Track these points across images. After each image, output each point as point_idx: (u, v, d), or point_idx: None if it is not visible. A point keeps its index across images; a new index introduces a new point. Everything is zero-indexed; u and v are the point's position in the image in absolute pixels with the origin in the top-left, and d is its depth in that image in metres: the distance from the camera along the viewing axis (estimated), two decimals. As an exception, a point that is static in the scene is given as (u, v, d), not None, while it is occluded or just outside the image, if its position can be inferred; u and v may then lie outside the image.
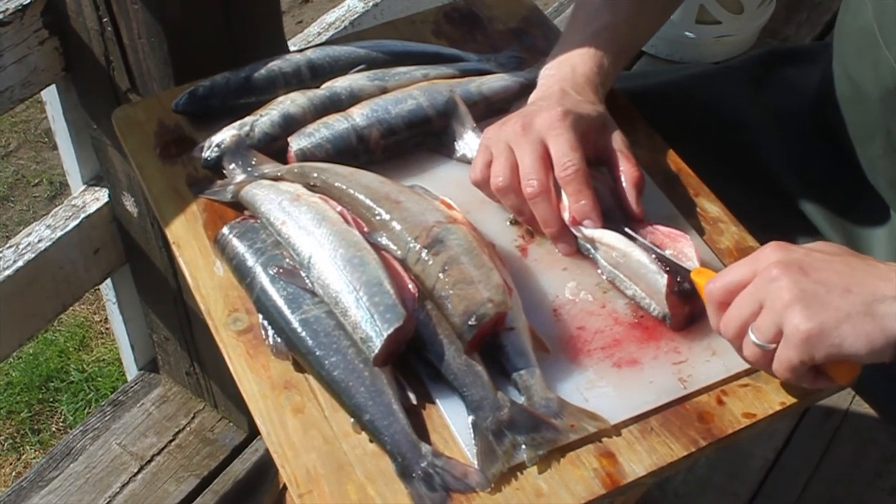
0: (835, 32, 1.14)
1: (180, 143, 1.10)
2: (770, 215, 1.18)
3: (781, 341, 0.82)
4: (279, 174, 1.04)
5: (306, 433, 0.86)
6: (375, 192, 0.99)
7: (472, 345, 0.88)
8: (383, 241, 0.95)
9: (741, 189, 1.15)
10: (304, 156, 1.06)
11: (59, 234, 1.44)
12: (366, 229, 0.96)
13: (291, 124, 1.08)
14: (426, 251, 0.93)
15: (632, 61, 2.24)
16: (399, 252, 0.94)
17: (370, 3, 1.70)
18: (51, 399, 2.17)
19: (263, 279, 0.93)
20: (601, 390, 0.89)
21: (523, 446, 0.84)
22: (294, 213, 0.96)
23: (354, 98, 1.11)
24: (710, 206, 1.06)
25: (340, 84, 1.13)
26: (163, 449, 1.73)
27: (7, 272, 1.39)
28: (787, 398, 0.90)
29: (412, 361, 0.90)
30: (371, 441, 0.86)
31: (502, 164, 0.98)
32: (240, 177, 1.05)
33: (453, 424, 0.87)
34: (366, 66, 1.16)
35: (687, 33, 2.34)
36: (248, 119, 1.08)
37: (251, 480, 1.71)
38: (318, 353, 0.88)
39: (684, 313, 0.93)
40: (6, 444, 2.08)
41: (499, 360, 0.89)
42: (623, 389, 0.89)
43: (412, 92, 1.11)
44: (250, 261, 0.95)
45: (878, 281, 0.81)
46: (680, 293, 0.93)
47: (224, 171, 1.06)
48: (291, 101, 1.10)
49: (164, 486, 1.69)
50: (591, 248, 0.98)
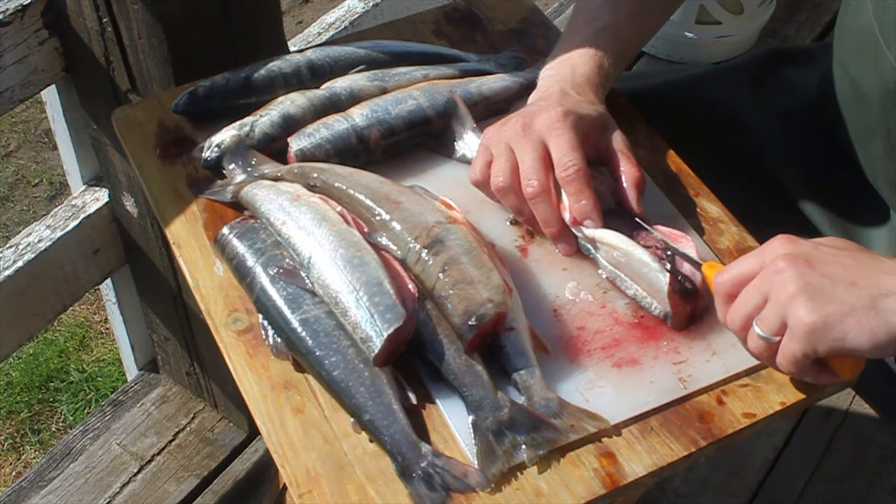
0: (835, 33, 1.14)
1: (180, 143, 1.10)
2: (770, 215, 1.18)
3: (786, 334, 0.82)
4: (279, 174, 1.04)
5: (306, 433, 0.86)
6: (375, 192, 0.99)
7: (472, 345, 0.88)
8: (383, 241, 0.95)
9: (741, 189, 1.15)
10: (304, 156, 1.06)
11: (59, 234, 1.44)
12: (366, 229, 0.96)
13: (291, 125, 1.08)
14: (426, 251, 0.93)
15: (632, 62, 2.24)
16: (399, 252, 0.94)
17: (370, 4, 1.70)
18: (51, 399, 2.17)
19: (263, 279, 0.93)
20: (601, 390, 0.89)
21: (523, 446, 0.84)
22: (294, 214, 0.96)
23: (354, 98, 1.11)
24: (710, 207, 1.06)
25: (340, 84, 1.13)
26: (163, 449, 1.73)
27: (7, 272, 1.39)
28: (788, 398, 0.90)
29: (412, 361, 0.90)
30: (371, 441, 0.86)
31: (502, 165, 0.98)
32: (240, 177, 1.05)
33: (453, 424, 0.87)
34: (366, 67, 1.16)
35: (687, 33, 2.34)
36: (248, 119, 1.08)
37: (251, 480, 1.71)
38: (318, 353, 0.88)
39: (686, 312, 0.93)
40: (6, 444, 2.08)
41: (499, 360, 0.89)
42: (623, 389, 0.89)
43: (412, 92, 1.11)
44: (250, 261, 0.95)
45: (884, 276, 0.81)
46: (682, 292, 0.93)
47: (224, 172, 1.06)
48: (291, 102, 1.10)
49: (165, 486, 1.69)
50: (591, 248, 0.98)
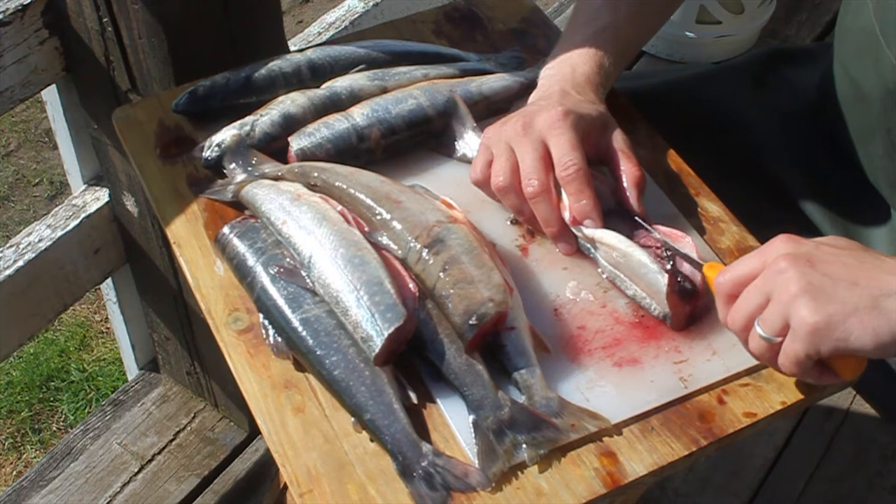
0: (835, 32, 1.14)
1: (181, 142, 1.10)
2: (770, 215, 1.18)
3: (788, 334, 0.81)
4: (280, 174, 1.04)
5: (307, 432, 0.86)
6: (376, 191, 0.99)
7: (473, 344, 0.88)
8: (384, 240, 0.95)
9: (742, 189, 1.15)
10: (305, 155, 1.06)
11: (59, 233, 1.44)
12: (366, 229, 0.96)
13: (292, 124, 1.08)
14: (427, 251, 0.93)
15: (632, 61, 2.25)
16: (400, 252, 0.94)
17: (370, 3, 1.70)
18: (51, 398, 2.17)
19: (264, 278, 0.93)
20: (602, 389, 0.89)
21: (524, 445, 0.84)
22: (294, 213, 0.96)
23: (355, 98, 1.11)
24: (710, 206, 1.06)
25: (341, 84, 1.13)
26: (163, 448, 1.73)
27: (8, 272, 1.39)
28: (788, 397, 0.90)
29: (413, 361, 0.90)
30: (372, 440, 0.86)
31: (503, 164, 0.98)
32: (240, 176, 1.05)
33: (454, 424, 0.87)
34: (366, 66, 1.16)
35: (687, 33, 2.35)
36: (248, 119, 1.08)
37: (252, 480, 1.71)
38: (318, 353, 0.88)
39: (685, 313, 0.93)
40: (7, 444, 2.08)
41: (499, 359, 0.89)
42: (624, 389, 0.89)
43: (412, 92, 1.11)
44: (251, 260, 0.95)
45: (886, 275, 0.80)
46: (681, 293, 0.92)
47: (224, 171, 1.06)
48: (292, 101, 1.10)
49: (165, 486, 1.69)
50: (591, 247, 0.98)
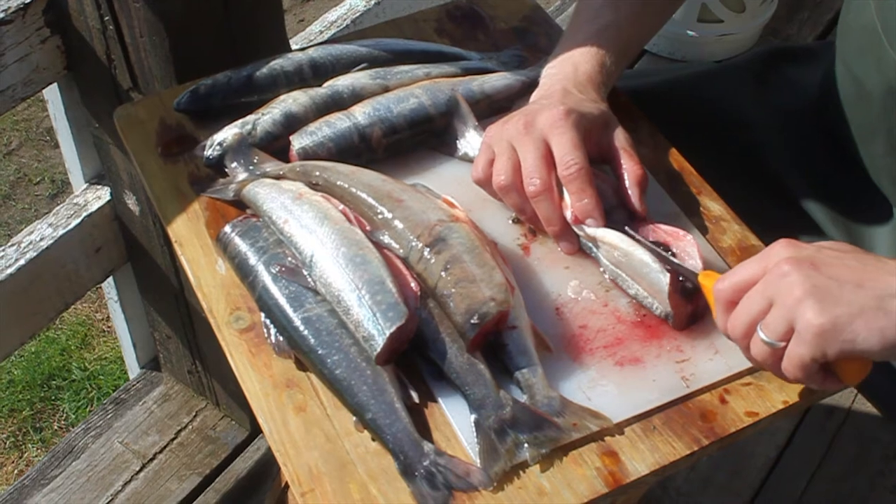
0: (837, 31, 1.14)
1: (182, 141, 1.10)
2: (772, 214, 1.18)
3: (793, 338, 0.80)
4: (281, 173, 1.04)
5: (308, 431, 0.86)
6: (377, 190, 0.99)
7: (475, 343, 0.88)
8: (385, 239, 0.95)
9: (743, 188, 1.14)
10: (307, 154, 1.05)
11: (60, 232, 1.44)
12: (368, 228, 0.96)
13: (293, 123, 1.08)
14: (428, 250, 0.93)
15: (634, 60, 2.25)
16: (401, 251, 0.94)
17: (372, 2, 1.69)
18: (53, 397, 2.17)
19: (265, 278, 0.93)
20: (603, 389, 0.89)
21: (526, 445, 0.84)
22: (296, 212, 0.96)
23: (356, 97, 1.11)
24: (712, 205, 1.06)
25: (342, 83, 1.13)
26: (165, 447, 1.73)
27: (9, 270, 1.39)
28: (790, 397, 0.90)
29: (414, 360, 0.90)
30: (373, 439, 0.86)
31: (504, 163, 0.98)
32: (242, 175, 1.05)
33: (455, 423, 0.87)
34: (368, 65, 1.16)
35: (689, 32, 2.35)
36: (250, 118, 1.08)
37: (253, 479, 1.71)
38: (320, 352, 0.88)
39: (687, 312, 0.93)
40: (8, 443, 2.08)
41: (501, 358, 0.89)
42: (625, 388, 0.89)
43: (414, 90, 1.11)
44: (252, 259, 0.95)
45: (890, 276, 0.80)
46: (682, 292, 0.92)
47: (226, 170, 1.06)
48: (293, 100, 1.10)
49: (167, 485, 1.69)
50: (593, 246, 0.98)
